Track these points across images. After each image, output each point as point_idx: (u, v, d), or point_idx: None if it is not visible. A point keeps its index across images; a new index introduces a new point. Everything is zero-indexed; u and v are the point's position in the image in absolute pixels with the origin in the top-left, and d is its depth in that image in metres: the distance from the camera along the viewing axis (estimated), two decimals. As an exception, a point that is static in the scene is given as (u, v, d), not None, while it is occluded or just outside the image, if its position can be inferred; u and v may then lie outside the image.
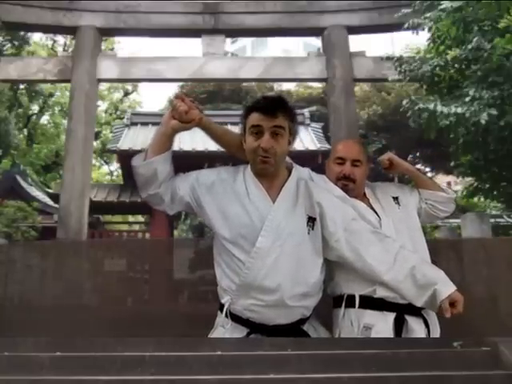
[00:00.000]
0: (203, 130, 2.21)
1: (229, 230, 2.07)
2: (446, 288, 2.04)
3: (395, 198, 2.41)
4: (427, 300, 2.07)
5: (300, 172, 2.24)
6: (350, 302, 2.20)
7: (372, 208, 2.35)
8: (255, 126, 2.04)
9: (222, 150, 2.35)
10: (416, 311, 2.19)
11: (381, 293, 2.15)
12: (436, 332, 2.23)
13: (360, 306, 2.18)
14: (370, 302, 2.17)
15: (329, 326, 2.27)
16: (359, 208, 2.27)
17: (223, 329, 2.10)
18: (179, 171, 2.21)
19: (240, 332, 2.07)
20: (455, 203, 2.56)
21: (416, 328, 2.16)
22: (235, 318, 2.08)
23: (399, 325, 2.16)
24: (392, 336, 2.13)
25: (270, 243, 2.02)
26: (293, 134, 2.14)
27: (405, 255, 2.12)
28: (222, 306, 2.13)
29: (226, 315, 2.08)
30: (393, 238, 2.19)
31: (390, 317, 2.16)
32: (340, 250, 2.11)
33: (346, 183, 2.33)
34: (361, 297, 2.18)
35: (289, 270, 2.03)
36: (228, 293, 2.08)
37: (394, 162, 2.50)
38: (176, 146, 2.19)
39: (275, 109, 2.05)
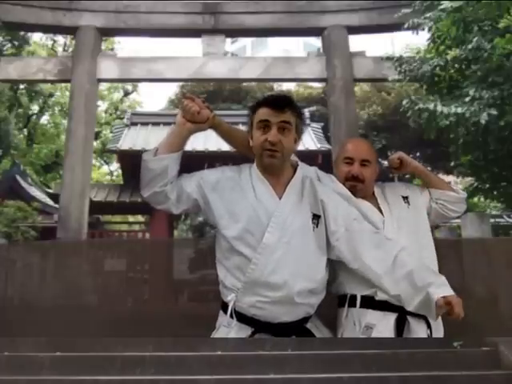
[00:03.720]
0: (214, 128, 2.22)
1: (235, 226, 2.07)
2: (441, 290, 1.96)
3: (405, 198, 2.39)
4: (418, 304, 1.99)
5: (306, 170, 2.25)
6: (352, 301, 2.21)
7: (379, 208, 2.34)
8: (263, 120, 2.06)
9: (222, 150, 2.37)
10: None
11: (382, 295, 2.15)
12: (439, 333, 2.22)
13: (362, 306, 2.18)
14: (372, 303, 2.17)
15: (331, 325, 2.27)
16: (363, 208, 2.25)
17: (226, 328, 2.09)
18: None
19: (245, 331, 2.07)
20: (465, 204, 2.54)
21: (417, 329, 2.15)
22: (240, 317, 2.08)
23: (401, 325, 2.15)
24: (393, 336, 2.13)
25: (276, 239, 2.03)
26: (299, 133, 2.16)
27: (403, 259, 2.07)
28: (224, 306, 2.13)
29: (231, 315, 2.07)
30: (394, 241, 2.15)
31: (392, 317, 2.16)
32: (340, 249, 2.11)
33: (355, 184, 2.31)
34: (363, 297, 2.18)
35: (295, 266, 2.04)
36: (232, 291, 2.08)
37: (403, 161, 2.47)
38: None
39: (283, 104, 2.08)
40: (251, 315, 2.06)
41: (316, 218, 2.12)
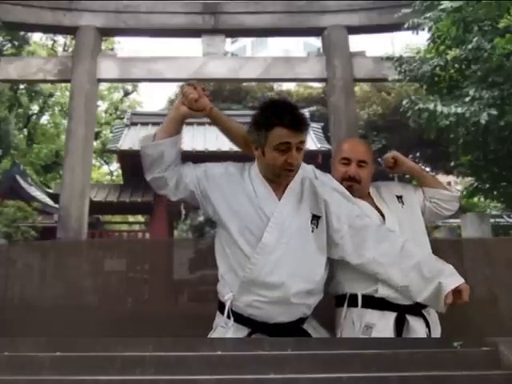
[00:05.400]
0: (211, 120, 2.24)
1: (236, 222, 2.08)
2: (453, 280, 2.02)
3: (399, 197, 2.41)
4: (430, 294, 2.03)
5: (304, 170, 2.25)
6: (352, 301, 2.21)
7: (376, 207, 2.35)
8: (284, 143, 2.02)
9: (222, 150, 2.37)
10: (417, 311, 2.19)
11: (382, 291, 2.16)
12: (437, 332, 2.23)
13: (362, 306, 2.18)
14: (371, 302, 2.17)
15: (328, 326, 2.27)
16: (363, 208, 2.27)
17: (223, 329, 2.10)
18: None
19: (241, 332, 2.07)
20: (459, 202, 2.55)
21: (417, 328, 2.16)
22: (237, 317, 2.08)
23: (400, 324, 2.16)
24: (393, 336, 2.13)
25: (274, 240, 2.04)
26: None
27: (409, 250, 2.13)
28: (221, 306, 2.14)
29: (228, 315, 2.08)
30: (397, 233, 2.20)
31: (391, 316, 2.16)
32: (344, 247, 2.13)
33: (351, 184, 2.33)
34: (363, 296, 2.18)
35: (293, 267, 2.05)
36: (231, 287, 2.08)
37: (398, 161, 2.49)
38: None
39: (302, 125, 2.04)
40: (248, 315, 2.07)
41: (316, 218, 2.12)
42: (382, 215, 2.31)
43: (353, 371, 1.73)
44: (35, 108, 21.73)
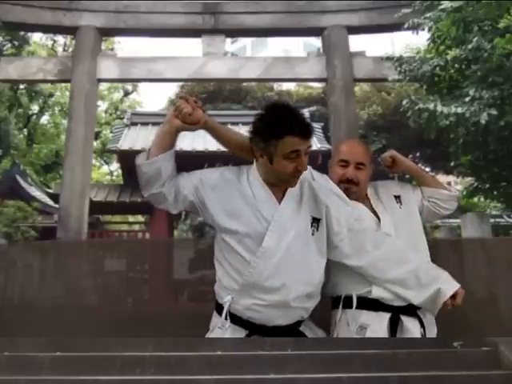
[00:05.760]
0: (207, 131, 2.19)
1: (234, 227, 2.07)
2: (450, 286, 2.09)
3: (397, 197, 2.40)
4: (427, 298, 2.10)
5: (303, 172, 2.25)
6: (347, 302, 2.21)
7: (373, 209, 2.35)
8: (294, 151, 2.00)
9: (222, 150, 2.34)
10: (411, 311, 2.19)
11: (376, 293, 2.16)
12: (432, 333, 2.23)
13: (356, 307, 2.18)
14: (366, 303, 2.18)
15: (324, 327, 2.27)
16: (359, 211, 2.26)
17: (221, 330, 2.09)
18: (179, 171, 2.20)
19: (239, 334, 2.07)
20: (457, 201, 2.56)
21: (411, 328, 2.16)
22: (235, 319, 2.08)
23: (394, 325, 2.16)
24: (387, 336, 2.13)
25: (275, 243, 2.03)
26: None
27: (407, 255, 2.17)
28: (218, 307, 2.13)
29: (226, 317, 2.07)
30: (394, 237, 2.22)
31: (386, 317, 2.16)
32: (343, 250, 2.13)
33: (349, 186, 2.31)
34: (357, 297, 2.18)
35: (294, 271, 2.04)
36: (229, 291, 2.08)
37: (396, 160, 2.48)
38: (176, 146, 2.19)
39: (310, 132, 2.04)
40: (247, 318, 2.07)
41: (316, 221, 2.12)
42: (378, 218, 2.31)
43: (353, 371, 1.73)
44: (35, 108, 21.74)
